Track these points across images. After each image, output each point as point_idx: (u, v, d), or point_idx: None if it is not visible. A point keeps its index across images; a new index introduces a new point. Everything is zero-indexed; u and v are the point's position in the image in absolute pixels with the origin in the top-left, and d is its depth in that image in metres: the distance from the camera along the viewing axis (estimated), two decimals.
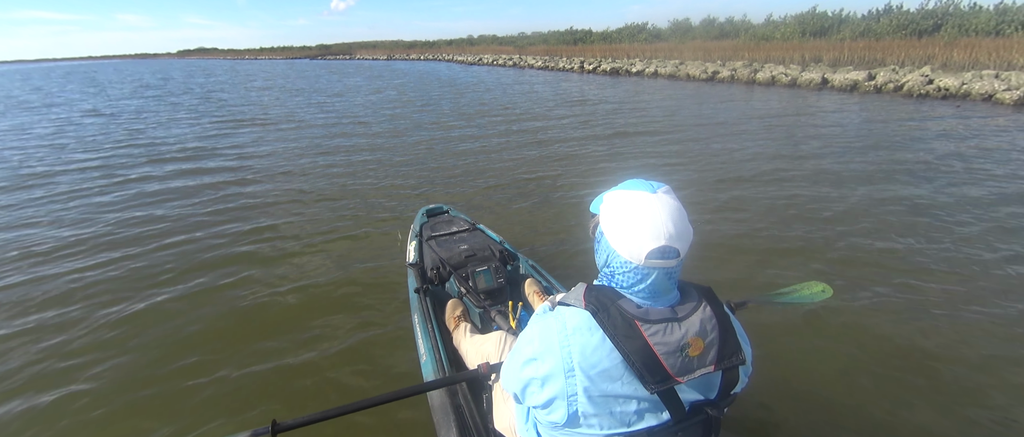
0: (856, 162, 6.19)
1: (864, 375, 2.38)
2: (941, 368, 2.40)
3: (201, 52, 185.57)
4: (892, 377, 2.36)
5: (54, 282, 3.49)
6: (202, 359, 2.62)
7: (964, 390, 2.26)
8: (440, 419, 1.71)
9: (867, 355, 2.51)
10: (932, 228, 4.03)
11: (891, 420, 2.11)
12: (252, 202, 5.20)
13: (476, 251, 2.60)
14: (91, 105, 15.33)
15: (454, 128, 9.74)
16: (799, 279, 1.88)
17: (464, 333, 2.05)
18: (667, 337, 0.89)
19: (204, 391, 2.38)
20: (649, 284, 0.92)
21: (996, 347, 2.54)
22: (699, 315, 0.92)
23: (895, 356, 2.50)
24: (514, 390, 1.04)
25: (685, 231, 0.91)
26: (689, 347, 0.89)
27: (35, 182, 6.09)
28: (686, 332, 0.90)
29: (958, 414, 2.13)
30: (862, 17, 23.00)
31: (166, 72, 39.26)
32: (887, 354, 2.51)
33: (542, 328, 0.97)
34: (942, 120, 8.97)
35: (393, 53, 72.28)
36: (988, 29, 17.16)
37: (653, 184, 0.95)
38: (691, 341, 0.90)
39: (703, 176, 5.80)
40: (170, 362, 2.60)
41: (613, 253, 0.94)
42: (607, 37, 39.30)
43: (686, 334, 0.90)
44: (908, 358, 2.48)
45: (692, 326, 0.91)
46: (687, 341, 0.89)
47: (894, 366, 2.43)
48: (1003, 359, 2.46)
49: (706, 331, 0.91)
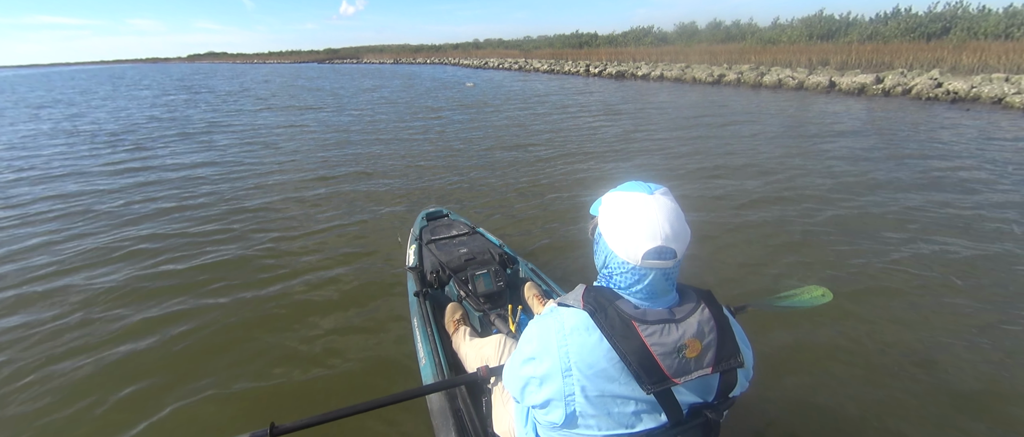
0: (863, 166, 6.14)
1: (864, 380, 2.35)
2: (943, 374, 2.37)
3: (211, 56, 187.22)
4: (893, 383, 2.33)
5: (50, 282, 3.53)
6: (201, 361, 2.62)
7: (966, 396, 2.24)
8: (439, 423, 1.71)
9: (867, 360, 2.49)
10: (936, 234, 3.99)
11: (892, 425, 2.09)
12: (251, 205, 5.22)
13: (475, 254, 2.60)
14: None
15: (454, 129, 9.77)
16: (800, 283, 1.87)
17: (464, 336, 2.05)
18: (664, 338, 0.89)
19: (202, 394, 2.38)
20: (646, 285, 0.93)
21: (1000, 353, 2.51)
22: (697, 317, 0.92)
23: (896, 361, 2.47)
24: (514, 390, 1.04)
25: (682, 232, 0.92)
26: (686, 348, 0.89)
27: (21, 179, 6.19)
28: (683, 333, 0.90)
29: (961, 420, 2.11)
30: (870, 20, 22.87)
31: (188, 78, 39.56)
32: (888, 359, 2.49)
33: (541, 328, 0.98)
34: (951, 124, 8.89)
35: (400, 57, 72.72)
36: (997, 32, 17.00)
37: (651, 186, 0.96)
38: (688, 343, 0.90)
39: (705, 178, 5.77)
40: (168, 364, 2.61)
41: (611, 254, 0.95)
42: (613, 40, 39.33)
43: (683, 335, 0.90)
44: (909, 364, 2.45)
45: (690, 327, 0.91)
46: (684, 343, 0.89)
47: (895, 372, 2.40)
48: (1007, 365, 2.42)
49: (704, 333, 0.92)
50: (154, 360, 2.65)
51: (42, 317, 3.09)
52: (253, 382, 2.46)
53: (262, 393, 2.39)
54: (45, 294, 3.39)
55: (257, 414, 2.26)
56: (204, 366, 2.59)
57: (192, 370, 2.56)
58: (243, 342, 2.79)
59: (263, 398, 2.36)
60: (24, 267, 3.81)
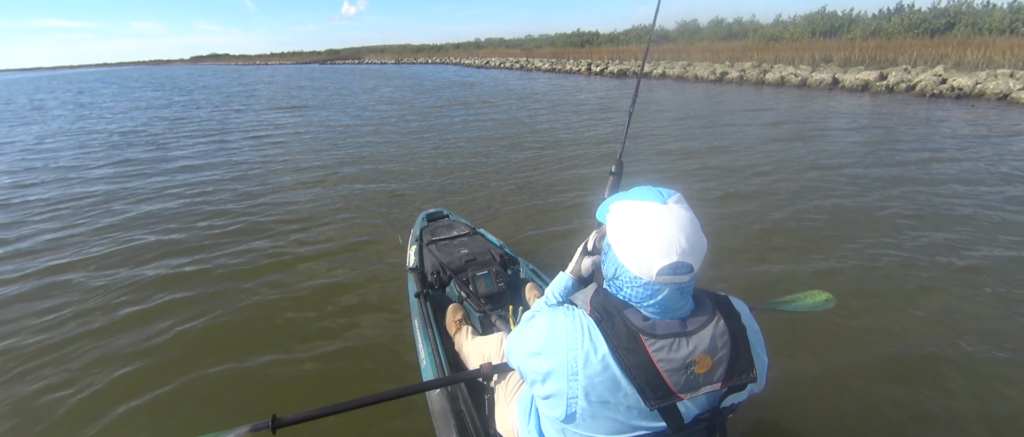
0: (867, 165, 6.10)
1: (868, 385, 2.33)
2: (947, 377, 2.35)
3: (213, 58, 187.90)
4: (897, 387, 2.31)
5: (50, 278, 3.57)
6: (203, 355, 2.66)
7: (971, 398, 2.22)
8: (440, 423, 1.70)
9: (871, 364, 2.47)
10: (941, 232, 3.96)
11: (895, 429, 2.07)
12: (252, 205, 5.24)
13: (476, 255, 2.59)
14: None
15: (455, 129, 9.77)
16: (803, 286, 1.85)
17: (466, 336, 2.05)
18: (673, 354, 0.85)
19: (205, 386, 2.42)
20: (659, 300, 0.88)
21: (1004, 354, 2.48)
22: (710, 330, 0.88)
23: (899, 365, 2.45)
24: (517, 367, 1.03)
25: (699, 244, 0.86)
26: (695, 365, 0.86)
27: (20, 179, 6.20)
28: (694, 348, 0.86)
29: (964, 422, 2.09)
30: (873, 16, 22.78)
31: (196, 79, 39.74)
32: (891, 363, 2.47)
33: (552, 325, 0.94)
34: (956, 121, 8.83)
35: (401, 57, 72.77)
36: (1002, 27, 16.91)
37: (663, 192, 0.90)
38: (698, 359, 0.86)
39: (708, 178, 5.74)
40: (171, 358, 2.65)
41: (621, 267, 0.90)
42: (614, 39, 39.31)
43: (694, 351, 0.86)
44: (913, 368, 2.43)
45: (701, 342, 0.87)
46: (693, 359, 0.86)
47: (898, 375, 2.38)
48: (1011, 365, 2.40)
49: (716, 348, 0.88)
50: (156, 352, 2.69)
51: (41, 307, 3.15)
52: (255, 376, 2.49)
53: (264, 387, 2.41)
54: (47, 287, 3.45)
55: (259, 406, 2.29)
56: (207, 358, 2.62)
57: (194, 364, 2.59)
58: (244, 339, 2.81)
59: (265, 392, 2.39)
60: (25, 259, 3.86)
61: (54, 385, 2.45)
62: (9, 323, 3.05)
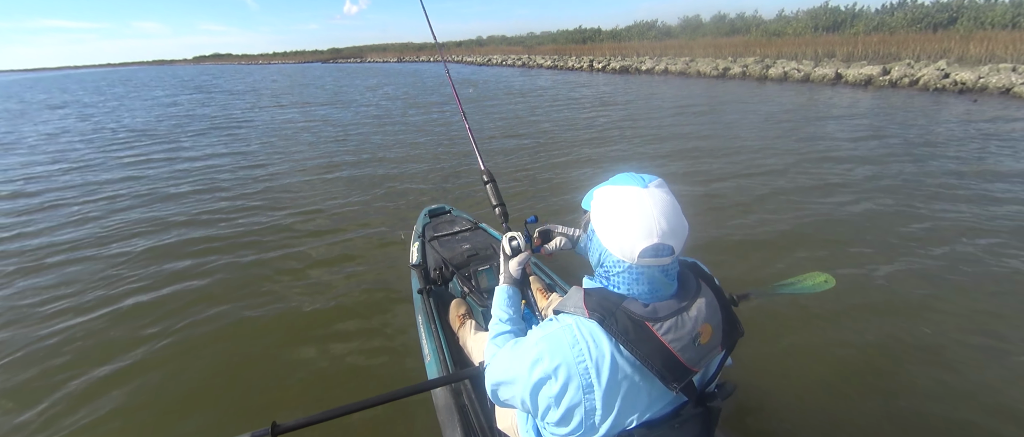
0: (868, 156, 6.10)
1: (866, 368, 2.36)
2: (946, 362, 2.37)
3: (216, 58, 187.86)
4: (895, 370, 2.33)
5: (50, 274, 3.60)
6: (202, 360, 2.63)
7: (969, 385, 2.23)
8: (445, 419, 1.71)
9: (869, 347, 2.49)
10: (941, 222, 3.97)
11: (893, 413, 2.09)
12: (253, 205, 5.25)
13: (479, 250, 2.60)
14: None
15: (456, 126, 9.76)
16: (804, 270, 1.88)
17: (470, 331, 2.05)
18: (680, 331, 0.86)
19: (203, 392, 2.38)
20: (647, 284, 0.89)
21: (1004, 343, 2.50)
22: (703, 299, 0.90)
23: (898, 348, 2.47)
24: (518, 404, 0.97)
25: (679, 226, 0.87)
26: (700, 336, 0.87)
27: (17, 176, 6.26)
28: (696, 319, 0.87)
29: (962, 409, 2.11)
30: (876, 11, 22.75)
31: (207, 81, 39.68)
32: (890, 347, 2.49)
33: (551, 344, 0.89)
34: (959, 115, 8.80)
35: (403, 55, 72.67)
36: (1005, 22, 16.81)
37: (644, 177, 0.91)
38: (701, 329, 0.87)
39: (709, 170, 5.74)
40: (170, 362, 2.61)
41: (605, 252, 0.91)
42: (616, 35, 39.17)
43: (696, 322, 0.87)
44: (912, 351, 2.45)
45: (700, 312, 0.88)
46: (698, 331, 0.87)
47: (897, 359, 2.40)
48: (1010, 354, 2.42)
49: (713, 314, 0.90)
50: (154, 357, 2.65)
51: (42, 306, 3.15)
52: (254, 381, 2.45)
53: (264, 391, 2.38)
54: (46, 284, 3.45)
55: (258, 413, 2.25)
56: (204, 365, 2.59)
57: (192, 369, 2.56)
58: (244, 340, 2.79)
59: (265, 397, 2.35)
60: (26, 250, 3.92)
61: (46, 392, 2.39)
62: (9, 323, 3.06)
